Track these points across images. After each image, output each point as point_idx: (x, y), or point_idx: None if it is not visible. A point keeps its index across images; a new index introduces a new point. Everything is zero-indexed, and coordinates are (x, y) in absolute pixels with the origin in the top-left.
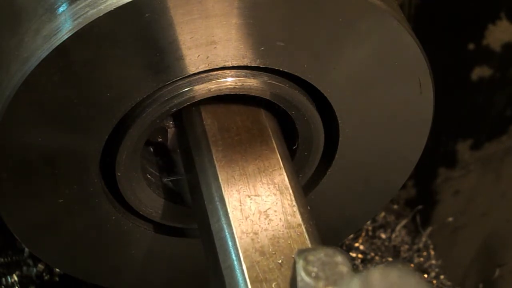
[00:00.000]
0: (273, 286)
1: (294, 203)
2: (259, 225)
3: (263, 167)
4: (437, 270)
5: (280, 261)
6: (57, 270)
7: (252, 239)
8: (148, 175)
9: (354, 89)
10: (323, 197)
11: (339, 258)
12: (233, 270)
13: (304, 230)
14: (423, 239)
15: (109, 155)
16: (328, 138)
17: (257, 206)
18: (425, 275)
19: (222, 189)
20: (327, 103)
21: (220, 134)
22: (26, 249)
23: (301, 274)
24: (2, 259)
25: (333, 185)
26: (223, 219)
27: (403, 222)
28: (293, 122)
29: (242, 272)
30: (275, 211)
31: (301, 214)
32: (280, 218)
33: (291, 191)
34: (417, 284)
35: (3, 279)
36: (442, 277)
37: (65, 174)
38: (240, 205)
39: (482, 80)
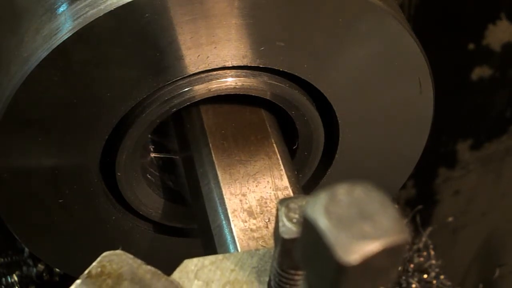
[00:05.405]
0: (260, 243)
1: (282, 167)
2: (248, 187)
3: (253, 135)
4: (437, 270)
5: (267, 220)
6: (57, 270)
7: (241, 200)
8: (148, 175)
9: (354, 89)
10: None
11: None
12: (222, 229)
13: (291, 192)
14: (423, 239)
15: (109, 155)
16: (328, 138)
17: (245, 170)
18: (425, 275)
19: (212, 153)
20: (327, 103)
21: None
22: (26, 249)
23: (283, 220)
24: (2, 259)
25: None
26: (212, 181)
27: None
28: (293, 122)
29: (231, 230)
30: (263, 174)
31: (288, 177)
32: (268, 181)
33: (278, 156)
34: (382, 201)
35: (3, 279)
36: (442, 277)
37: (65, 174)
38: (230, 169)
39: (482, 80)
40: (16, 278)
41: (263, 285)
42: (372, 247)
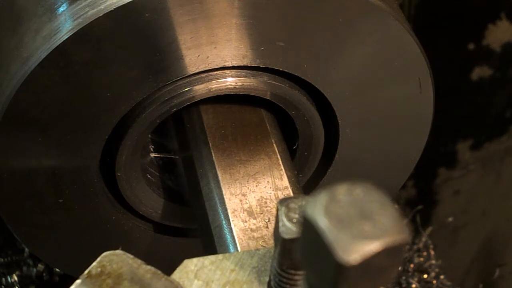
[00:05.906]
0: (260, 243)
1: (282, 167)
2: (248, 187)
3: (253, 135)
4: (437, 270)
5: (267, 220)
6: (57, 270)
7: (241, 200)
8: (148, 175)
9: (354, 89)
10: None
11: None
12: (222, 229)
13: (291, 192)
14: (423, 239)
15: (109, 155)
16: (328, 138)
17: (245, 170)
18: (425, 275)
19: (212, 153)
20: (327, 103)
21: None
22: (26, 249)
23: (283, 220)
24: (2, 259)
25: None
26: (212, 181)
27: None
28: (293, 122)
29: (231, 230)
30: (263, 174)
31: (288, 177)
32: (268, 181)
33: (278, 156)
34: (382, 200)
35: (3, 279)
36: (442, 277)
37: (65, 174)
38: (230, 169)
39: (482, 80)
40: (16, 278)
41: (263, 285)
42: (372, 247)
